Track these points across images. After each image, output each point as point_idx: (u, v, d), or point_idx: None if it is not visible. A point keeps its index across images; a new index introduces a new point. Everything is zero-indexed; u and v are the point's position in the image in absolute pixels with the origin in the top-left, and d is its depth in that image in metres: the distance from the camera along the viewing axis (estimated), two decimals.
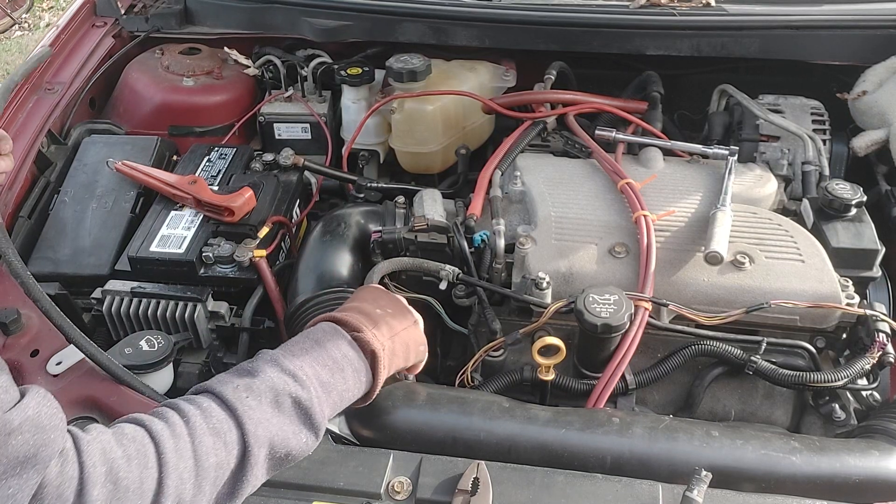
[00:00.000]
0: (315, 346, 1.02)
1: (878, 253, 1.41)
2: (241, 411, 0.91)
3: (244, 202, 1.51)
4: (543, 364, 1.22)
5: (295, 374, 0.97)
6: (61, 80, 1.87)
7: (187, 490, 0.85)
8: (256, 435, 0.91)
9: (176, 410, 0.90)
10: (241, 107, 1.98)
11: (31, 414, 0.76)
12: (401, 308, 1.17)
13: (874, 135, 1.68)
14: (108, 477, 0.79)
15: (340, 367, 1.02)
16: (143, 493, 0.81)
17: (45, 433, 0.76)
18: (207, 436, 0.88)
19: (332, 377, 1.00)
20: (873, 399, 1.31)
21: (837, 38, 1.78)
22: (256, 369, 0.96)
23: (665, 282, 1.35)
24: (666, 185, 1.54)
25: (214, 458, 0.87)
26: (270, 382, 0.95)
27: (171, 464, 0.84)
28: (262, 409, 0.92)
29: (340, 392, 1.01)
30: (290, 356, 0.99)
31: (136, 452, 0.83)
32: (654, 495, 1.02)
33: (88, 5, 2.08)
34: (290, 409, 0.95)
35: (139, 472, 0.81)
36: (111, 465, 0.80)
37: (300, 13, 1.95)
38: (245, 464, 0.90)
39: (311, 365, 0.99)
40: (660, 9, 1.81)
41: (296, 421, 0.95)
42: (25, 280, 1.21)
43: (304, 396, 0.95)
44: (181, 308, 1.41)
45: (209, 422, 0.89)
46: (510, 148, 1.69)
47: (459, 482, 1.03)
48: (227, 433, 0.89)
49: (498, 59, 2.01)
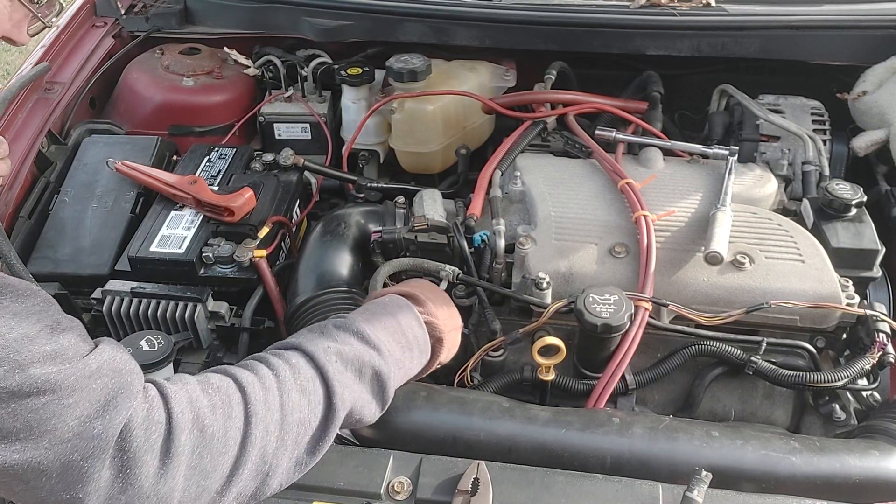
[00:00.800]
0: (393, 322, 1.07)
1: (878, 253, 1.41)
2: (331, 374, 0.94)
3: (244, 202, 1.51)
4: (543, 364, 1.22)
5: (379, 347, 1.01)
6: (61, 80, 1.87)
7: (271, 442, 0.87)
8: (343, 398, 0.94)
9: (266, 364, 0.93)
10: (241, 107, 1.98)
11: (107, 358, 0.79)
12: (453, 309, 1.23)
13: (874, 135, 1.68)
14: (195, 424, 0.82)
15: (411, 346, 1.07)
16: (227, 441, 0.83)
17: (122, 376, 0.79)
18: (295, 392, 0.91)
19: (403, 355, 1.06)
20: (873, 399, 1.31)
21: (837, 38, 1.78)
22: (343, 337, 1.00)
23: (665, 282, 1.35)
24: (666, 185, 1.53)
25: (299, 415, 0.90)
26: (358, 352, 0.99)
27: (259, 415, 0.86)
28: (347, 375, 0.96)
29: (407, 370, 1.07)
30: (373, 328, 1.03)
31: (222, 402, 0.85)
32: (654, 495, 1.02)
33: (88, 5, 2.08)
34: (371, 379, 1.00)
35: (224, 421, 0.84)
36: (198, 412, 0.82)
37: (300, 13, 1.95)
38: (327, 424, 0.93)
39: (389, 341, 1.04)
40: (660, 9, 1.81)
41: (372, 391, 1.00)
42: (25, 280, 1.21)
43: (384, 370, 1.00)
44: (181, 308, 1.41)
45: (297, 378, 0.92)
46: (510, 148, 1.69)
47: (459, 482, 1.03)
48: (314, 392, 0.92)
49: (498, 59, 2.01)
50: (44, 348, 0.74)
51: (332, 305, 1.35)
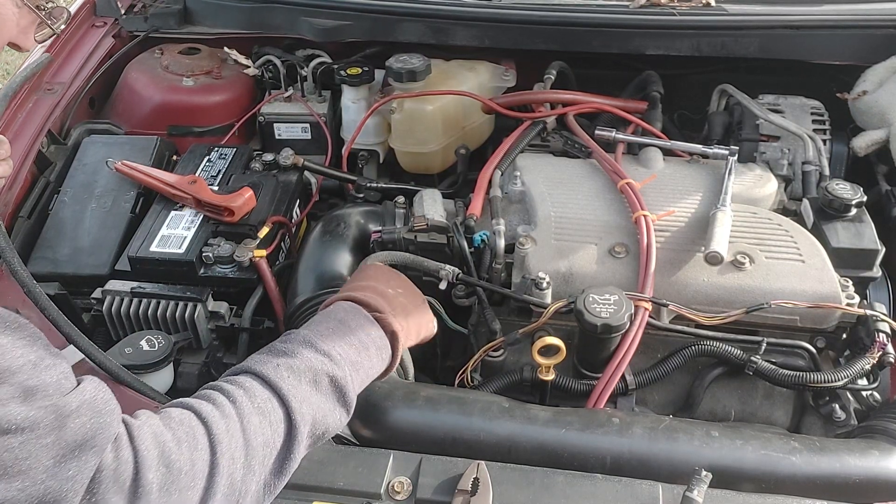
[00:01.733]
0: (341, 326, 1.05)
1: (878, 253, 1.41)
2: (286, 390, 0.93)
3: (244, 202, 1.51)
4: (543, 364, 1.22)
5: (329, 353, 0.99)
6: (61, 80, 1.87)
7: (238, 470, 0.86)
8: (301, 412, 0.93)
9: (220, 392, 0.91)
10: (240, 107, 1.97)
11: (89, 398, 0.77)
12: (410, 288, 1.22)
13: (874, 135, 1.68)
14: (161, 460, 0.80)
15: (366, 346, 1.05)
16: (195, 474, 0.82)
17: (101, 417, 0.77)
18: (254, 415, 0.90)
19: (359, 356, 1.04)
20: (873, 399, 1.31)
21: (837, 38, 1.78)
22: (292, 350, 0.98)
23: (665, 282, 1.35)
24: (666, 185, 1.53)
25: (262, 437, 0.89)
26: (308, 363, 0.97)
27: (223, 444, 0.85)
28: (302, 388, 0.95)
29: (367, 370, 1.05)
30: (321, 337, 1.02)
31: (186, 435, 0.84)
32: (654, 495, 1.02)
33: (88, 5, 2.07)
34: (328, 387, 0.98)
35: (190, 454, 0.82)
36: (162, 448, 0.81)
37: (300, 13, 1.95)
38: (291, 442, 0.92)
39: (340, 345, 1.02)
40: (660, 9, 1.81)
41: (332, 399, 0.98)
42: (25, 280, 1.21)
43: (339, 375, 0.98)
44: (181, 308, 1.41)
45: (254, 401, 0.91)
46: (510, 148, 1.69)
47: (459, 482, 1.03)
48: (273, 412, 0.91)
49: (498, 59, 2.01)
50: (27, 383, 0.72)
51: None
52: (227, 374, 0.98)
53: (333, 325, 1.05)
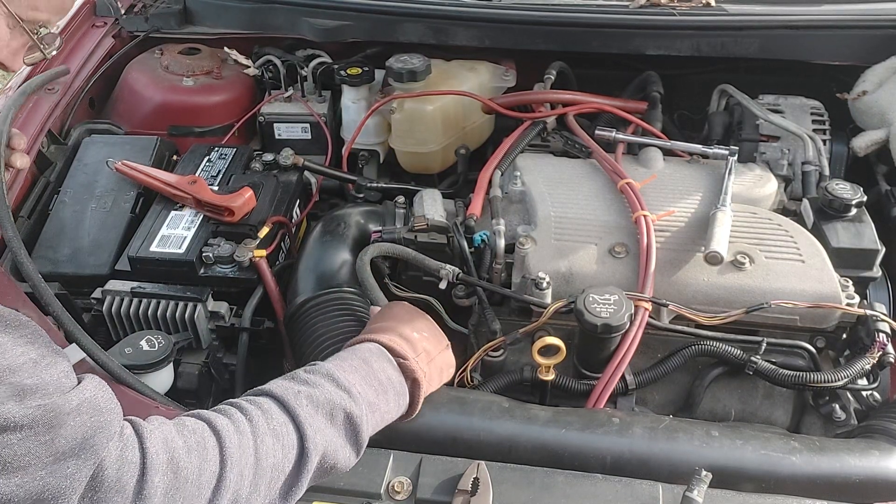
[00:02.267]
0: (364, 366, 1.04)
1: (878, 253, 1.41)
2: (302, 418, 0.92)
3: (244, 202, 1.51)
4: (543, 364, 1.22)
5: (349, 390, 0.98)
6: (61, 80, 1.87)
7: (245, 487, 0.86)
8: (315, 441, 0.92)
9: (238, 409, 0.91)
10: (240, 107, 1.97)
11: (89, 396, 0.78)
12: (435, 332, 1.20)
13: (874, 135, 1.68)
14: (170, 465, 0.80)
15: (385, 389, 1.04)
16: (201, 484, 0.82)
17: (101, 415, 0.78)
18: (269, 436, 0.89)
19: (377, 398, 1.02)
20: (873, 399, 1.31)
21: (837, 38, 1.78)
22: (314, 381, 0.98)
23: (665, 282, 1.35)
24: (666, 185, 1.54)
25: (273, 459, 0.89)
26: (328, 395, 0.96)
27: (234, 458, 0.85)
28: (318, 419, 0.94)
29: (383, 413, 1.04)
30: (344, 372, 1.01)
31: (197, 444, 0.84)
32: (654, 495, 1.03)
33: (88, 5, 2.08)
34: (343, 423, 0.97)
35: (199, 464, 0.82)
36: (172, 453, 0.81)
37: (300, 13, 1.95)
38: (301, 468, 0.91)
39: (361, 384, 1.01)
40: (660, 9, 1.81)
41: (345, 435, 0.97)
42: (31, 275, 1.21)
43: (356, 413, 0.97)
44: (181, 308, 1.41)
45: (270, 423, 0.91)
46: (510, 148, 1.69)
47: (459, 482, 1.03)
48: (286, 436, 0.91)
49: (498, 59, 2.00)
50: (26, 381, 0.73)
51: (332, 305, 1.35)
52: (247, 394, 0.98)
53: (357, 364, 1.04)
